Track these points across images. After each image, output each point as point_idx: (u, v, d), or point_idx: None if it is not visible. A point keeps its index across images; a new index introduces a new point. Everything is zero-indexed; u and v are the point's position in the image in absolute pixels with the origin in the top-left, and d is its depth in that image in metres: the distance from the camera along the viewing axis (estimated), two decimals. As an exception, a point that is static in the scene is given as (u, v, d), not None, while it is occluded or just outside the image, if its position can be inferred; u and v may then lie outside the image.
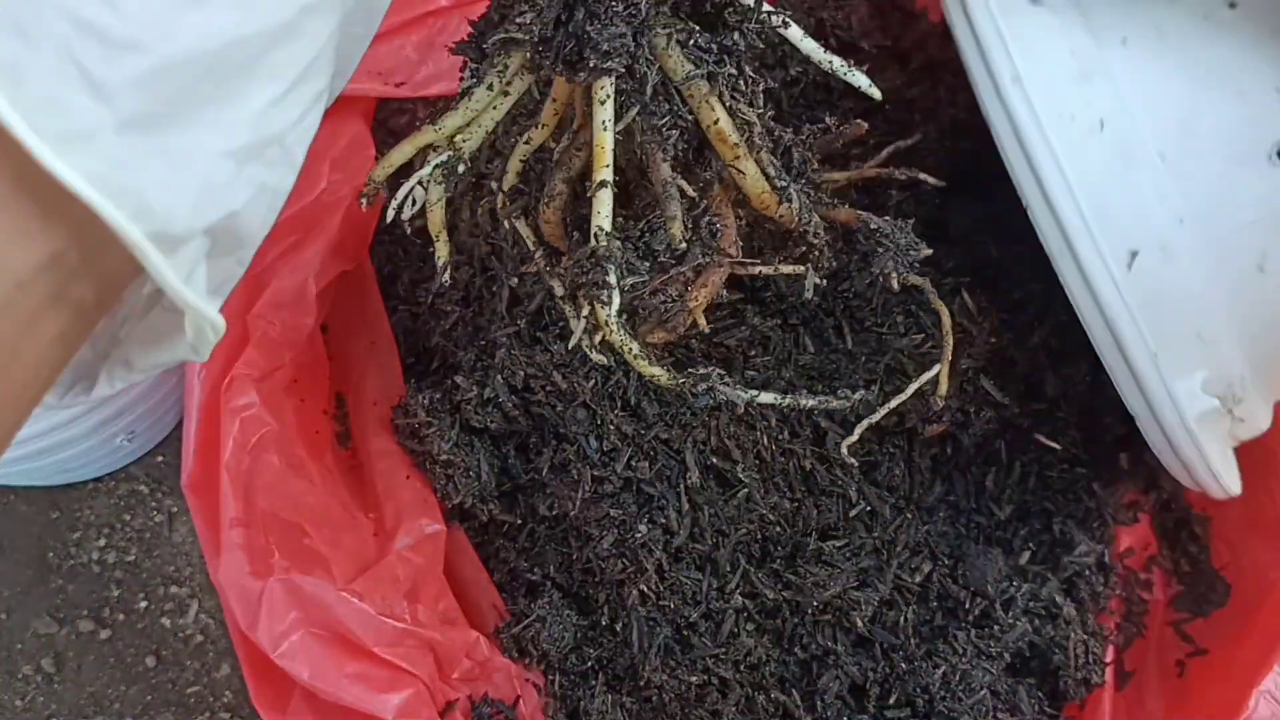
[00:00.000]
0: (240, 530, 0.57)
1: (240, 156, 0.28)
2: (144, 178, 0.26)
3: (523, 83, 0.47)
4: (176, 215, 0.27)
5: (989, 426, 0.65)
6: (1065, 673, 0.64)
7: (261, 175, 0.29)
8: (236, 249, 0.31)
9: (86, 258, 0.27)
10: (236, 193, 0.29)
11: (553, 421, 0.64)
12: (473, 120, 0.49)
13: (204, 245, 0.29)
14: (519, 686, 0.61)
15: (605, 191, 0.45)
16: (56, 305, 0.28)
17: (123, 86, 0.25)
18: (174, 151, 0.27)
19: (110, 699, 0.81)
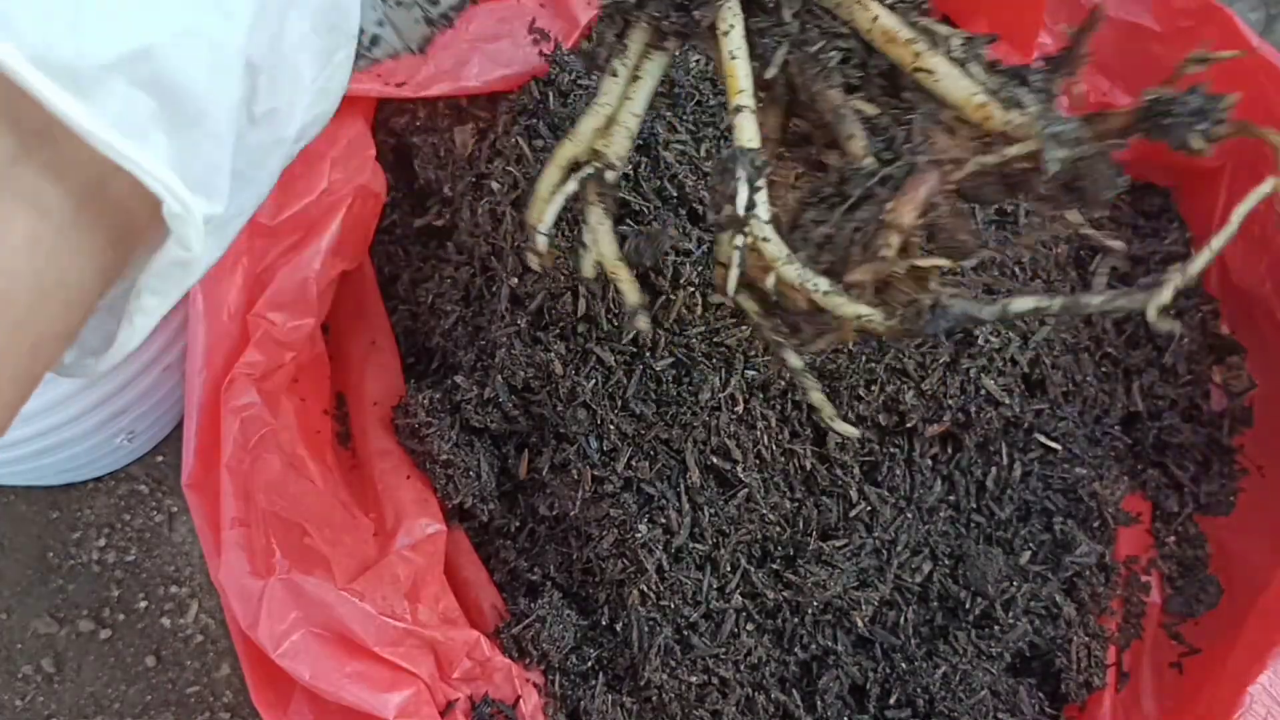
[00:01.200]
0: (240, 530, 0.57)
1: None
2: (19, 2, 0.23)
3: (654, 64, 0.40)
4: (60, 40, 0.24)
5: (990, 426, 0.65)
6: (1067, 675, 0.64)
7: (185, 15, 0.26)
8: (197, 118, 0.27)
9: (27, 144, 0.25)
10: (145, 26, 0.25)
11: (553, 421, 0.64)
12: (610, 120, 0.41)
13: (140, 101, 0.26)
14: (519, 686, 0.61)
15: (744, 114, 0.37)
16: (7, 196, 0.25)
17: None
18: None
19: (110, 699, 0.81)
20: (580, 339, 0.64)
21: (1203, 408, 0.74)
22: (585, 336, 0.64)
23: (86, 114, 0.24)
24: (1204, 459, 0.73)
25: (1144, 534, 0.72)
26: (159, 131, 0.26)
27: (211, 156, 0.28)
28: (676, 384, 0.63)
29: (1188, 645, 0.68)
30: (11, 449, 0.77)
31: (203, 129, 0.27)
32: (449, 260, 0.71)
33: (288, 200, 0.65)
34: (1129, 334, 0.74)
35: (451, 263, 0.71)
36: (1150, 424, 0.73)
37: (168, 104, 0.26)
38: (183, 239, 0.27)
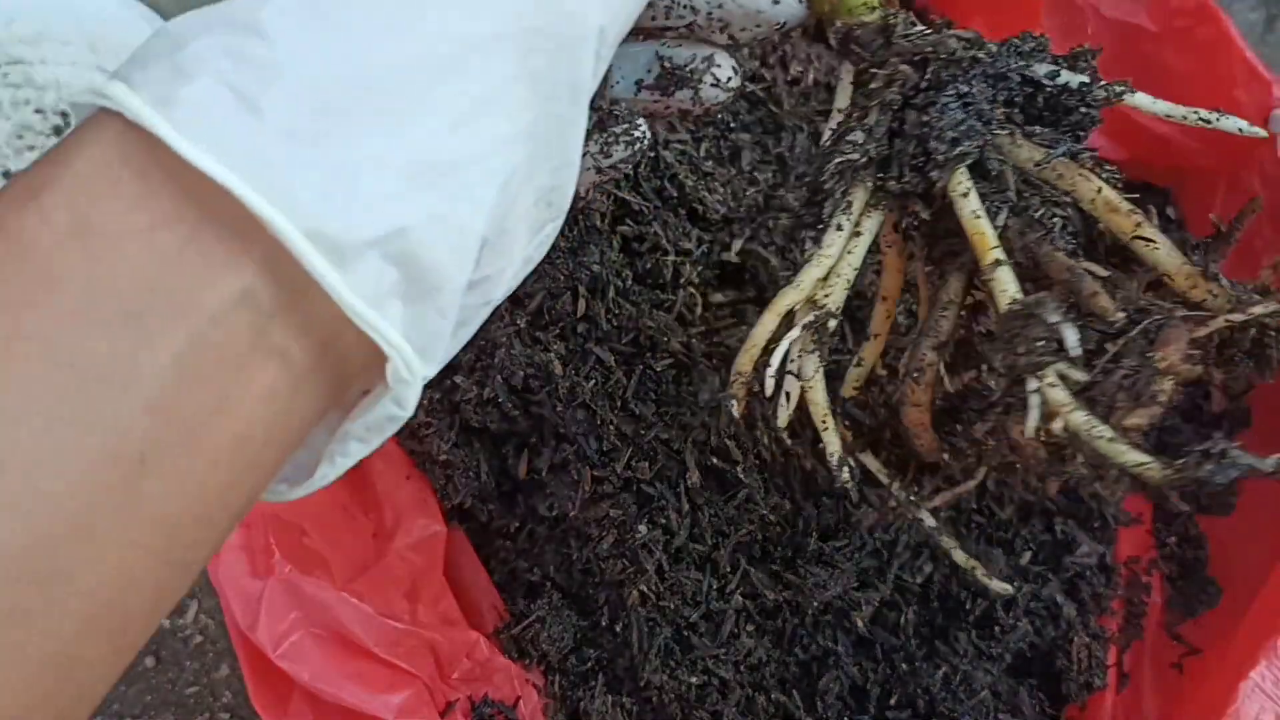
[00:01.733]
0: (240, 530, 0.57)
1: (408, 176, 0.28)
2: (295, 179, 0.26)
3: (872, 220, 0.42)
4: (331, 216, 0.27)
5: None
6: (1068, 676, 0.64)
7: (433, 202, 0.29)
8: (431, 292, 0.30)
9: (283, 302, 0.27)
10: (406, 210, 0.28)
11: (552, 421, 0.64)
12: (830, 271, 0.42)
13: (387, 274, 0.28)
14: (519, 687, 0.61)
15: (1004, 269, 0.39)
16: (258, 350, 0.27)
17: (273, 102, 0.26)
18: (329, 161, 0.27)
19: (109, 699, 0.81)
20: (580, 339, 0.64)
21: (1203, 408, 0.74)
22: (585, 336, 0.64)
23: (344, 283, 0.27)
24: (1205, 459, 0.73)
25: (1145, 534, 0.72)
26: (397, 300, 0.29)
27: (437, 326, 0.31)
28: (676, 384, 0.63)
29: (1188, 645, 0.68)
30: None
31: (434, 301, 0.30)
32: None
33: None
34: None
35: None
36: (1151, 424, 0.73)
37: (410, 277, 0.29)
38: (401, 400, 0.30)
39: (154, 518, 0.27)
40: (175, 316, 0.26)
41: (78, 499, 0.25)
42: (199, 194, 0.26)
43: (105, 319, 0.25)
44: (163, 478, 0.26)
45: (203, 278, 0.26)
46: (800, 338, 0.42)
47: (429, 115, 0.29)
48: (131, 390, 0.25)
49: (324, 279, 0.27)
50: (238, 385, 0.27)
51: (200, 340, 0.26)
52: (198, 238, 0.26)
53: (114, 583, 0.26)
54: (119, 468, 0.25)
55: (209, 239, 0.26)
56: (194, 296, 0.26)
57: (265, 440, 0.29)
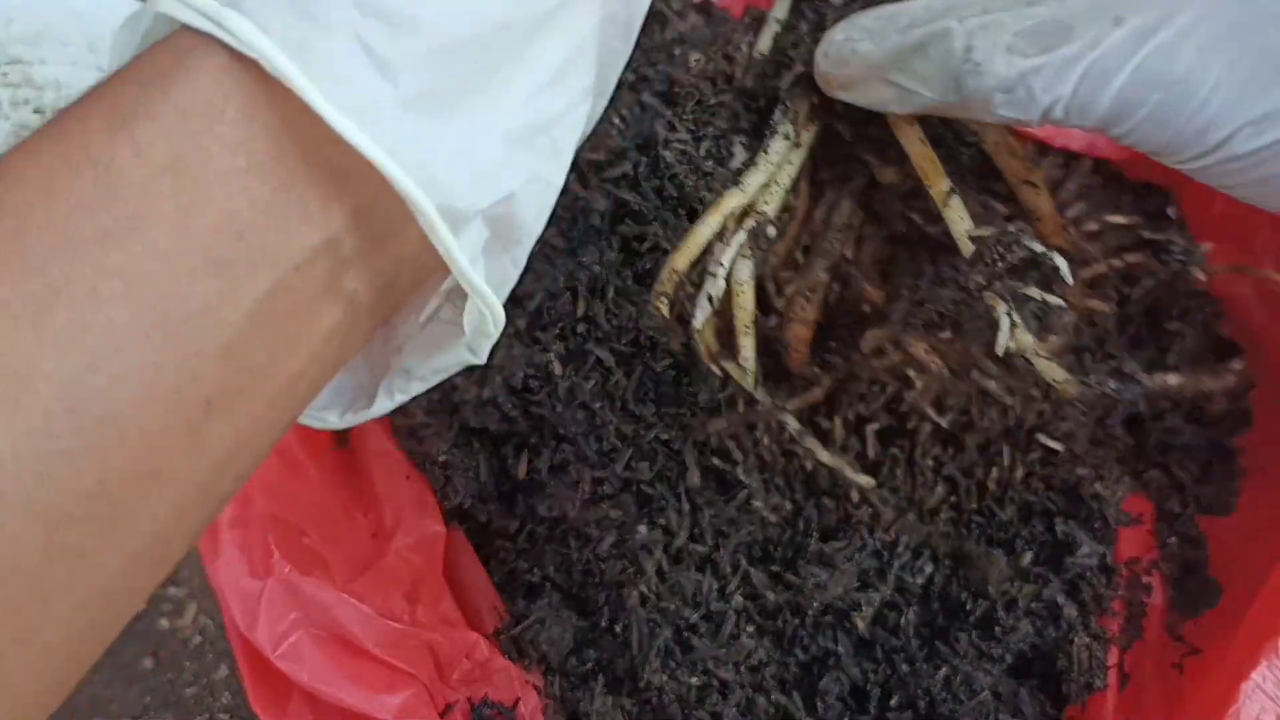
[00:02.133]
0: (239, 530, 0.57)
1: (513, 140, 0.29)
2: (429, 152, 0.27)
3: (810, 134, 0.43)
4: (459, 190, 0.27)
5: (992, 427, 0.65)
6: (1069, 677, 0.64)
7: (532, 163, 0.30)
8: (512, 244, 0.31)
9: (363, 249, 0.28)
10: (512, 176, 0.29)
11: (552, 422, 0.64)
12: (770, 178, 0.43)
13: (484, 232, 0.29)
14: (519, 688, 0.61)
15: (956, 198, 0.40)
16: (330, 295, 0.28)
17: (406, 64, 0.26)
18: (454, 130, 0.27)
19: (108, 700, 0.81)
20: (580, 339, 0.64)
21: (1205, 409, 0.74)
22: (585, 336, 0.64)
23: (457, 247, 0.28)
24: (1206, 460, 0.73)
25: (1146, 535, 0.72)
26: (483, 256, 0.30)
27: (510, 275, 0.32)
28: (676, 384, 0.63)
29: (1189, 646, 0.68)
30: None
31: (513, 253, 0.31)
32: (448, 260, 0.71)
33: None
34: (1131, 334, 0.74)
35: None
36: (1152, 425, 0.73)
37: (499, 233, 0.30)
38: (479, 350, 0.32)
39: (213, 459, 0.27)
40: (260, 265, 0.26)
41: (147, 442, 0.25)
42: (301, 140, 0.25)
43: (193, 265, 0.25)
44: (226, 420, 0.26)
45: (292, 227, 0.26)
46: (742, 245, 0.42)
47: (527, 74, 0.29)
48: (209, 337, 0.25)
49: (449, 250, 0.27)
50: (305, 328, 0.27)
51: (280, 288, 0.26)
52: (293, 185, 0.26)
53: (168, 520, 0.26)
54: (187, 411, 0.25)
55: (304, 187, 0.26)
56: (281, 245, 0.26)
57: (319, 376, 0.29)
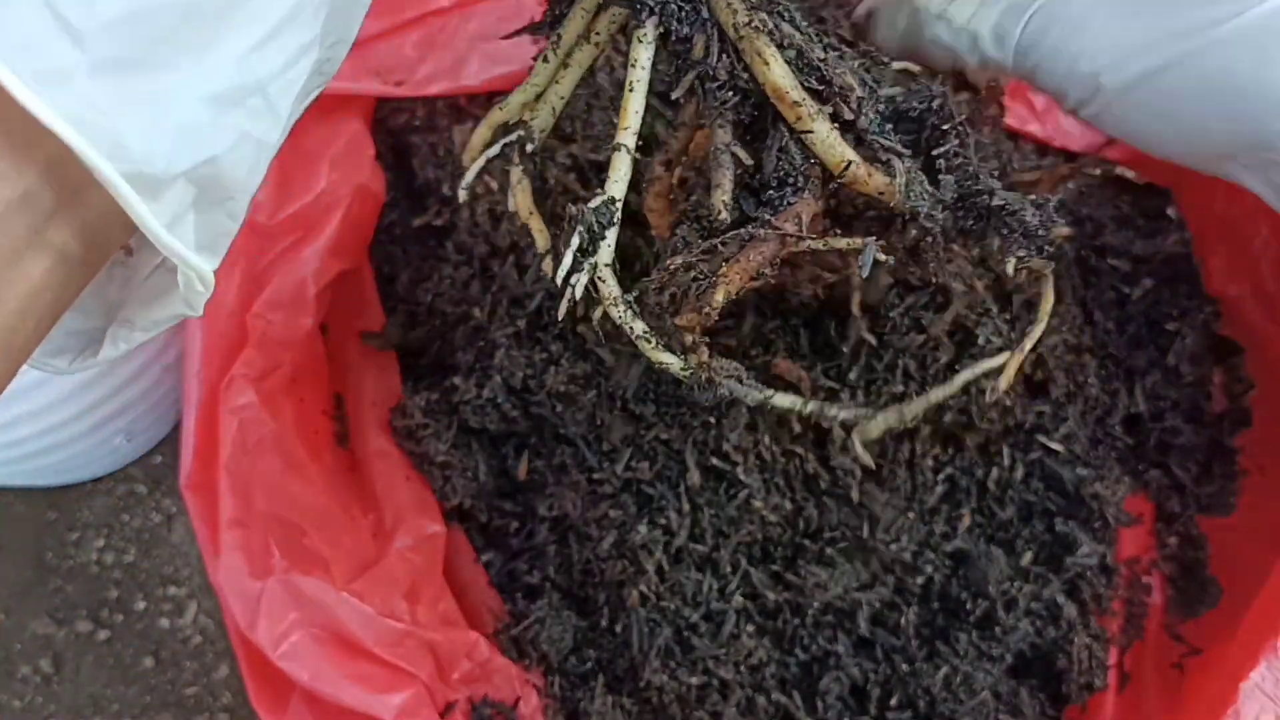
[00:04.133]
0: (239, 530, 0.57)
1: (220, 102, 0.28)
2: (120, 119, 0.26)
3: (584, 54, 0.45)
4: (154, 156, 0.27)
5: (991, 427, 0.65)
6: (1069, 676, 0.64)
7: (243, 123, 0.29)
8: (224, 200, 0.31)
9: (63, 201, 0.28)
10: (217, 138, 0.29)
11: (552, 422, 0.64)
12: (539, 96, 0.47)
13: (188, 193, 0.29)
14: (519, 687, 0.61)
15: (620, 155, 0.43)
16: (36, 246, 0.28)
17: (97, 30, 0.26)
18: (151, 95, 0.27)
19: (109, 700, 0.81)
20: (579, 339, 0.64)
21: (1205, 409, 0.74)
22: (584, 337, 0.64)
23: (151, 211, 0.28)
24: (1205, 460, 0.73)
25: (1146, 535, 0.72)
26: (191, 211, 0.30)
27: (227, 227, 0.31)
28: (676, 384, 0.62)
29: (1189, 645, 0.68)
30: (9, 449, 0.77)
31: (226, 208, 0.31)
32: (448, 260, 0.71)
33: (286, 200, 0.65)
34: (1131, 334, 0.74)
35: (450, 262, 0.71)
36: (1152, 425, 0.73)
37: (207, 190, 0.30)
38: (194, 304, 0.32)
39: None
40: None
41: None
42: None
43: None
44: None
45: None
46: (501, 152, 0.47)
47: (238, 35, 0.29)
48: None
49: (140, 217, 0.27)
50: (10, 282, 0.27)
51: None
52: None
53: None
54: None
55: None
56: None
57: (34, 328, 0.29)
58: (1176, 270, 0.76)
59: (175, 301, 0.32)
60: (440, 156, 0.73)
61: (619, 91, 0.67)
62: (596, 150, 0.66)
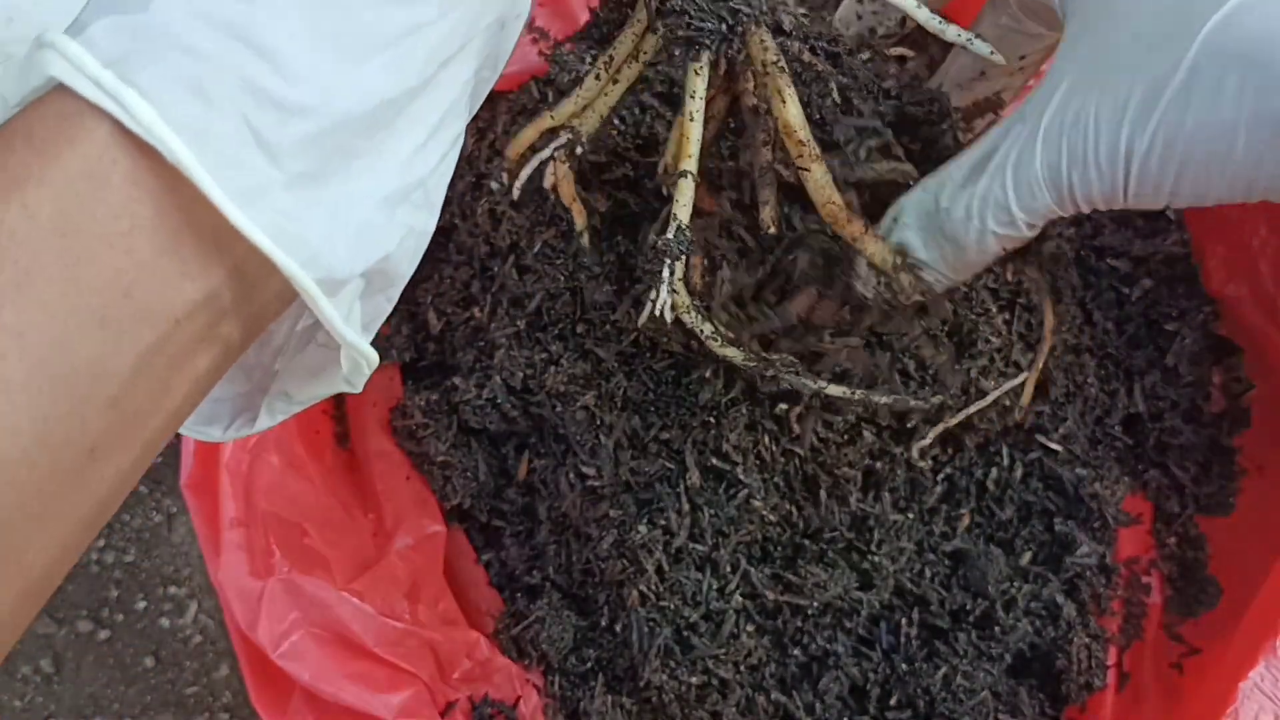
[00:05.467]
0: (240, 530, 0.57)
1: (391, 202, 0.30)
2: (311, 229, 0.28)
3: (632, 71, 0.48)
4: (339, 261, 0.29)
5: (990, 427, 0.65)
6: (1068, 676, 0.64)
7: (408, 218, 0.31)
8: (387, 288, 0.33)
9: (238, 299, 0.29)
10: (389, 236, 0.31)
11: (552, 422, 0.64)
12: (586, 106, 0.51)
13: (360, 286, 0.31)
14: (519, 687, 0.61)
15: (685, 182, 0.46)
16: (207, 342, 0.29)
17: (290, 147, 0.28)
18: (335, 203, 0.29)
19: (109, 699, 0.81)
20: (579, 339, 0.64)
21: (1204, 409, 0.74)
22: (584, 336, 0.64)
23: (330, 305, 0.30)
24: (1204, 460, 0.73)
25: (1145, 535, 0.72)
26: (358, 300, 0.32)
27: (384, 309, 0.34)
28: (676, 384, 0.63)
29: (1188, 645, 0.68)
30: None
31: (388, 294, 0.33)
32: (448, 260, 0.71)
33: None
34: (1130, 334, 0.74)
35: (451, 263, 0.71)
36: (1152, 425, 0.73)
37: (374, 282, 0.32)
38: (355, 384, 0.34)
39: (96, 498, 0.28)
40: (144, 321, 0.27)
41: (37, 487, 0.26)
42: (181, 204, 0.27)
43: (80, 322, 0.26)
44: (109, 463, 0.28)
45: (174, 284, 0.27)
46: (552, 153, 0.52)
47: (403, 139, 0.30)
48: (96, 389, 0.27)
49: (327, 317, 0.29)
50: (183, 374, 0.29)
51: (164, 340, 0.28)
52: (175, 247, 0.27)
53: (55, 558, 0.28)
54: (74, 457, 0.27)
55: (185, 248, 0.27)
56: (164, 302, 0.27)
57: (190, 410, 0.31)
58: (1175, 270, 0.76)
59: (337, 380, 0.34)
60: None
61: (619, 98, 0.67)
62: (596, 153, 0.66)
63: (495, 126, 0.71)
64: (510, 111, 0.70)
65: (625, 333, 0.63)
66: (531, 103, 0.69)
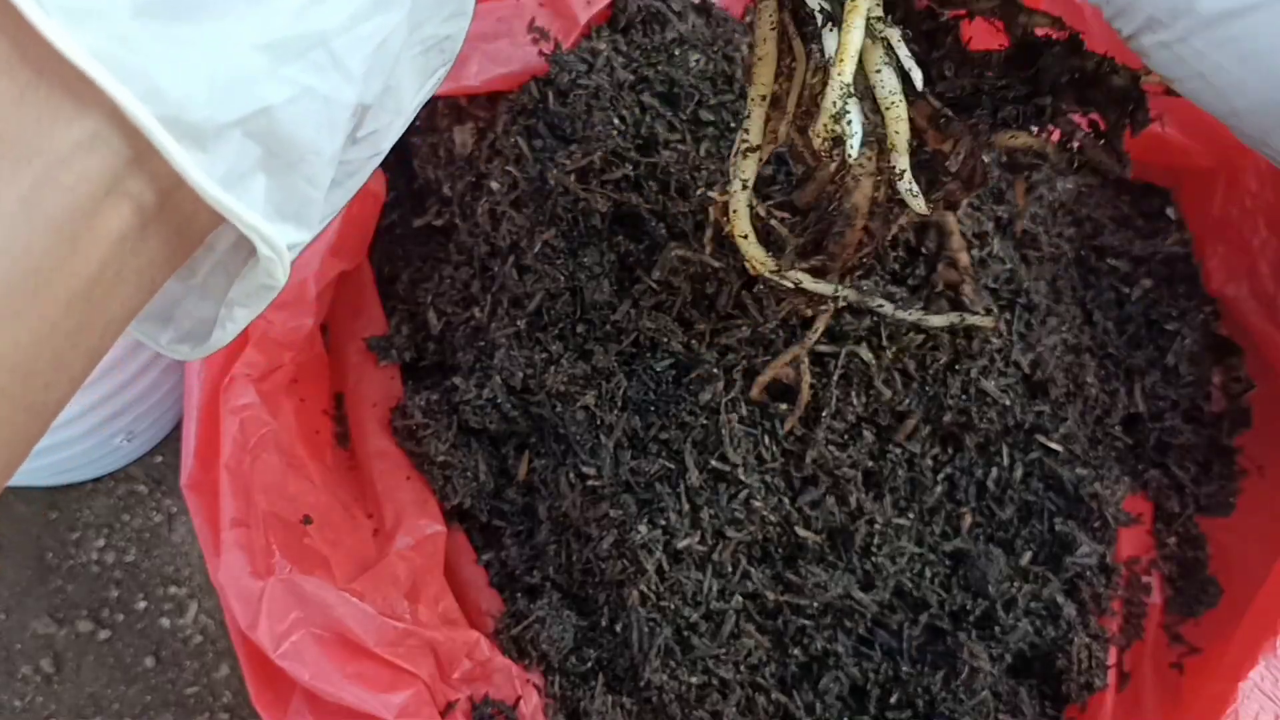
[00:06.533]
0: (240, 530, 0.57)
1: (274, 52, 0.28)
2: (157, 61, 0.26)
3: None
4: (193, 101, 0.26)
5: (990, 427, 0.65)
6: (1068, 676, 0.64)
7: (303, 77, 0.28)
8: (297, 162, 0.30)
9: (137, 149, 0.27)
10: (271, 89, 0.28)
11: (552, 422, 0.64)
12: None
13: (249, 150, 0.28)
14: (519, 687, 0.61)
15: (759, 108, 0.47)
16: (112, 196, 0.27)
17: None
18: (195, 40, 0.26)
19: (109, 699, 0.81)
20: (579, 339, 0.64)
21: (1204, 409, 0.74)
22: (584, 336, 0.64)
23: (199, 163, 0.27)
24: (1205, 460, 0.73)
25: (1145, 535, 0.72)
26: (260, 173, 0.29)
27: (307, 193, 0.31)
28: (676, 384, 0.63)
29: (1188, 645, 0.68)
30: (10, 449, 0.76)
31: (301, 171, 0.30)
32: (448, 260, 0.71)
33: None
34: (1130, 334, 0.74)
35: (451, 263, 0.71)
36: (1152, 425, 0.73)
37: (274, 150, 0.29)
38: (271, 273, 0.31)
39: (5, 362, 0.26)
40: (19, 160, 0.25)
41: None
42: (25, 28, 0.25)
43: None
44: (13, 320, 0.26)
45: (46, 123, 0.25)
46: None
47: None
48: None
49: (180, 165, 0.26)
50: (89, 228, 0.27)
51: (47, 182, 0.26)
52: (40, 84, 0.25)
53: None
54: None
55: (53, 85, 0.25)
56: (38, 140, 0.25)
57: (115, 281, 0.28)
58: (1176, 270, 0.76)
59: (257, 272, 0.31)
60: (441, 157, 0.73)
61: (619, 91, 0.67)
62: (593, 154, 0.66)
63: (495, 126, 0.71)
64: (510, 111, 0.70)
65: (625, 333, 0.63)
66: (532, 103, 0.69)
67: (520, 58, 0.71)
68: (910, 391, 0.64)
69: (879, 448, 0.65)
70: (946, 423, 0.65)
